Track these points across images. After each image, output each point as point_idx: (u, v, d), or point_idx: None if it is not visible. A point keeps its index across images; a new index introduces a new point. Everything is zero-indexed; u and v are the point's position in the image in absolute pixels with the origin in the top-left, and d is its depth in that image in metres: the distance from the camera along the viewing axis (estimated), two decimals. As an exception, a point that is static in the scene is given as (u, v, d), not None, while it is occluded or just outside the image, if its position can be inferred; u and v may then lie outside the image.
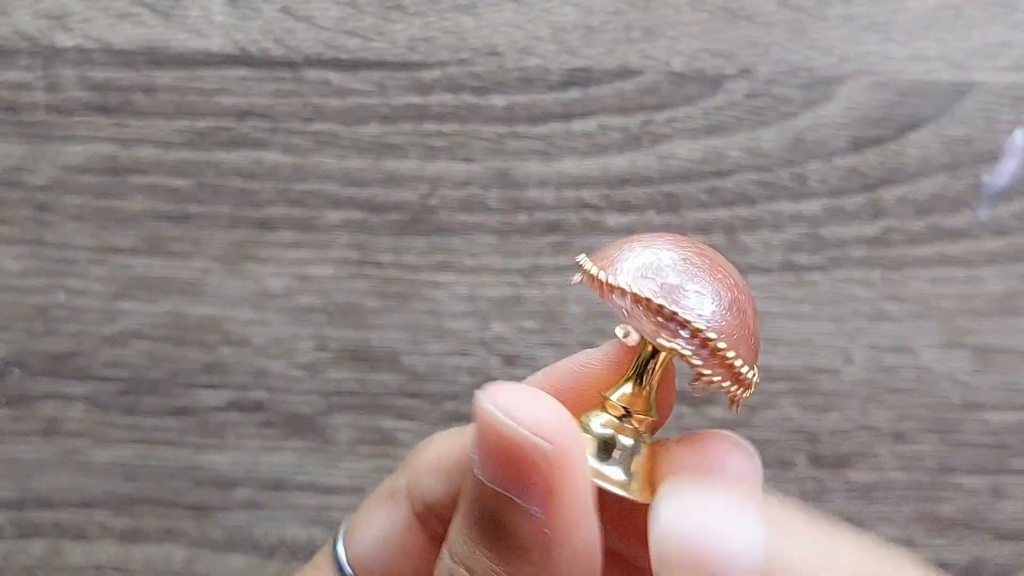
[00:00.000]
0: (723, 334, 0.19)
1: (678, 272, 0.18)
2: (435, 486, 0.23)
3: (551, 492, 0.17)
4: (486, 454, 0.17)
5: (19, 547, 0.38)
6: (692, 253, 0.19)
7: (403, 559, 0.23)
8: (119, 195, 0.38)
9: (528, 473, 0.17)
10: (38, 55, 0.38)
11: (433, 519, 0.23)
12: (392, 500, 0.24)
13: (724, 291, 0.19)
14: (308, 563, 0.26)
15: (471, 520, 0.18)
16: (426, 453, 0.23)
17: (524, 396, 0.18)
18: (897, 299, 0.38)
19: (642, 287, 0.18)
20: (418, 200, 0.38)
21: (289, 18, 0.38)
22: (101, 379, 0.38)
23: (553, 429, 0.17)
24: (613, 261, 0.19)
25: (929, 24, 0.38)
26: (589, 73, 0.38)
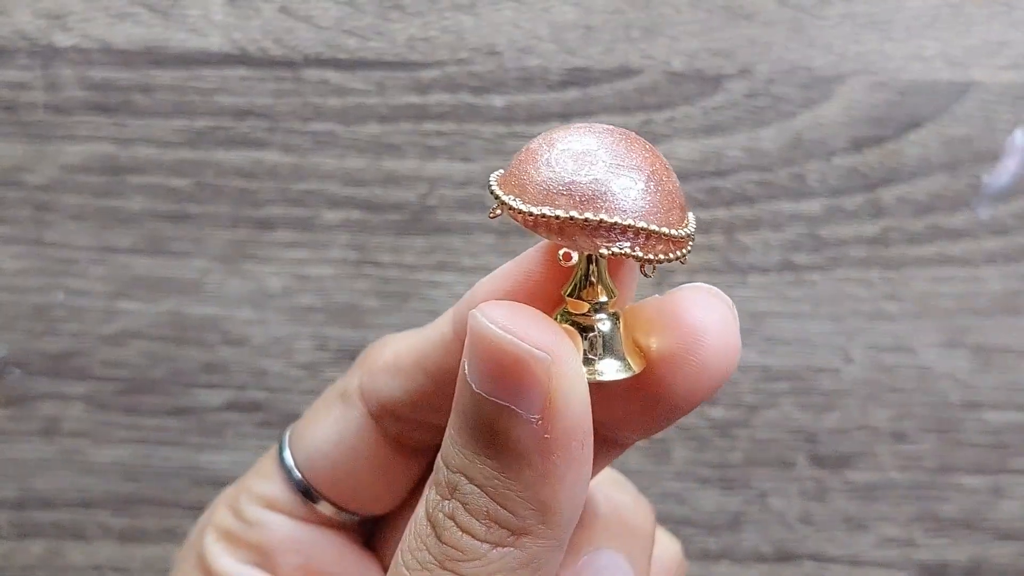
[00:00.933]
0: (654, 215, 0.19)
1: (587, 172, 0.18)
2: (391, 386, 0.23)
3: (550, 399, 0.18)
4: (483, 367, 0.18)
5: (19, 547, 0.38)
6: (589, 141, 0.19)
7: (357, 458, 0.23)
8: (118, 195, 0.38)
9: (527, 383, 0.18)
10: (37, 54, 0.38)
11: (388, 418, 0.23)
12: (343, 401, 0.24)
13: (638, 169, 0.19)
14: (251, 470, 0.25)
15: (467, 431, 0.18)
16: (381, 353, 0.23)
17: (516, 311, 0.18)
18: (897, 299, 0.38)
19: (563, 207, 0.18)
20: (417, 200, 0.38)
21: (288, 18, 0.38)
22: (101, 379, 0.38)
23: (548, 340, 0.18)
24: (524, 184, 0.19)
25: (929, 23, 0.38)
26: (588, 73, 0.38)
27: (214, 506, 0.25)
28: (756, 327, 0.38)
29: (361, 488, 0.24)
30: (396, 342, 0.24)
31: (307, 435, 0.24)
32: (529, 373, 0.18)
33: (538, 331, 0.18)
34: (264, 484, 0.24)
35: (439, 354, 0.22)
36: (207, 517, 0.25)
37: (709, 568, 0.38)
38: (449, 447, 0.19)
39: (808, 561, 0.38)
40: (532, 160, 0.19)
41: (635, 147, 0.19)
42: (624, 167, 0.19)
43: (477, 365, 0.18)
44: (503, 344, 0.18)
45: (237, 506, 0.24)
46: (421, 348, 0.22)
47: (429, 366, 0.22)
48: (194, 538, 0.25)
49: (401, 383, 0.23)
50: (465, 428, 0.18)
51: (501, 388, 0.18)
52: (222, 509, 0.25)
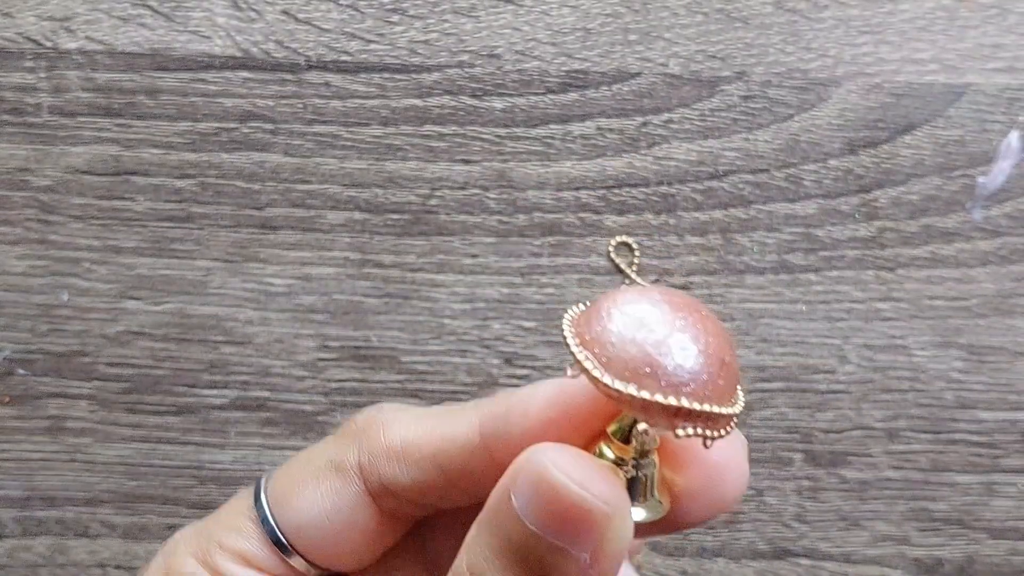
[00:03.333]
0: (724, 398, 0.19)
1: (672, 356, 0.19)
2: (399, 473, 0.23)
3: (603, 542, 0.19)
4: (544, 510, 0.19)
5: (24, 544, 0.38)
6: (666, 317, 0.20)
7: (351, 532, 0.24)
8: (123, 196, 0.38)
9: (587, 531, 0.19)
10: (42, 57, 0.38)
11: (388, 497, 0.24)
12: (339, 474, 0.24)
13: (716, 353, 0.19)
14: (214, 522, 0.25)
15: (512, 559, 0.19)
16: (386, 435, 0.24)
17: (582, 462, 0.19)
18: (891, 299, 0.38)
19: (649, 389, 0.19)
20: (418, 201, 0.38)
21: (291, 21, 0.38)
22: (105, 378, 0.38)
23: (611, 494, 0.19)
24: (608, 358, 0.19)
25: (923, 27, 0.38)
26: (587, 76, 0.38)
27: (172, 554, 0.25)
28: (752, 327, 0.38)
29: (343, 552, 0.25)
30: (401, 426, 0.24)
31: (297, 504, 0.24)
32: (592, 523, 0.19)
33: (603, 485, 0.19)
34: (240, 540, 0.24)
35: (460, 456, 0.23)
36: (164, 565, 0.25)
37: (706, 565, 0.38)
38: (484, 566, 0.20)
39: (803, 558, 0.38)
40: (613, 329, 0.19)
41: (709, 324, 0.20)
42: (703, 351, 0.19)
43: (538, 507, 0.19)
44: (572, 496, 0.19)
45: (210, 560, 0.24)
46: (437, 445, 0.23)
47: (445, 464, 0.23)
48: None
49: (410, 472, 0.23)
50: (509, 556, 0.19)
51: (559, 531, 0.19)
52: (189, 560, 0.25)
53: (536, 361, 0.38)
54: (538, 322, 0.38)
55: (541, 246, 0.38)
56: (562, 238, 0.38)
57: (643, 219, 0.38)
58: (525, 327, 0.38)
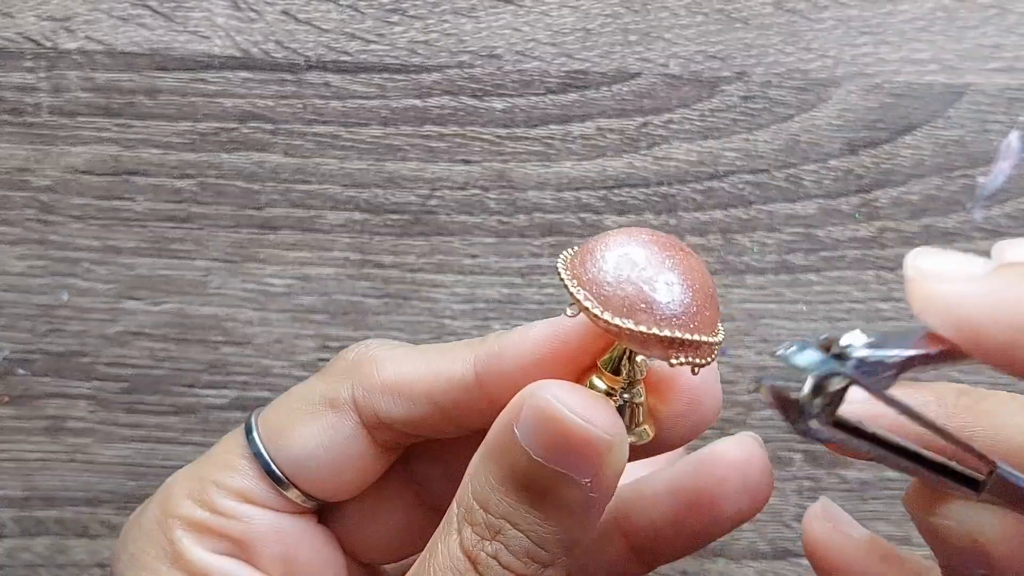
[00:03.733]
0: (711, 327, 0.21)
1: (665, 292, 0.21)
2: (394, 407, 0.24)
3: (603, 467, 0.21)
4: (548, 441, 0.21)
5: (23, 545, 0.38)
6: (655, 256, 0.21)
7: (347, 463, 0.25)
8: (122, 196, 0.38)
9: (590, 458, 0.21)
10: (42, 57, 0.38)
11: (384, 430, 0.25)
12: (334, 409, 0.25)
13: (702, 288, 0.21)
14: (208, 462, 0.26)
15: (516, 487, 0.21)
16: (380, 371, 0.25)
17: (583, 396, 0.21)
18: (891, 299, 0.38)
19: (645, 323, 0.20)
20: (418, 201, 0.38)
21: (291, 21, 0.38)
22: (104, 378, 0.38)
23: (611, 423, 0.21)
24: (605, 296, 0.21)
25: (922, 27, 0.38)
26: (587, 76, 0.38)
27: (168, 497, 0.26)
28: (752, 328, 0.38)
29: (339, 482, 0.26)
30: (395, 362, 0.25)
31: (293, 439, 0.25)
32: (594, 450, 0.21)
33: (603, 416, 0.21)
34: (235, 477, 0.25)
35: (455, 392, 0.24)
36: (159, 509, 0.26)
37: (706, 566, 0.38)
38: (489, 494, 0.21)
39: (804, 559, 0.38)
40: (608, 269, 0.21)
41: (692, 261, 0.22)
42: (691, 286, 0.21)
43: (542, 439, 0.21)
44: (574, 427, 0.20)
45: (207, 498, 0.25)
46: (432, 382, 0.24)
47: (440, 400, 0.24)
48: (148, 529, 0.26)
49: (405, 407, 0.24)
50: (513, 484, 0.21)
51: (563, 460, 0.21)
52: (185, 501, 0.25)
53: (536, 361, 0.38)
54: (538, 322, 0.38)
55: (541, 246, 0.38)
56: (562, 238, 0.38)
57: (643, 219, 0.38)
58: (525, 327, 0.38)
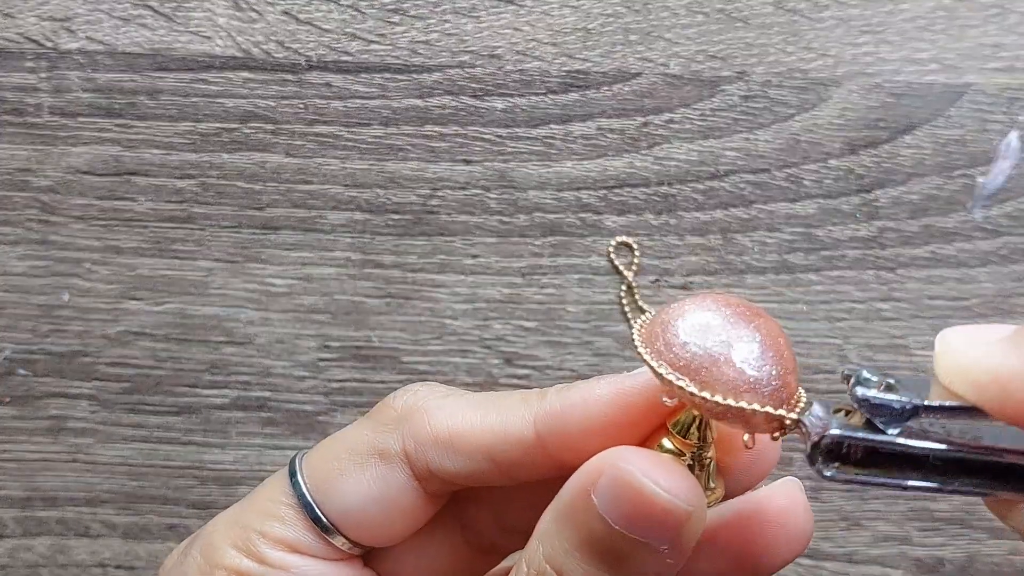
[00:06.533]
0: (784, 400, 0.21)
1: (765, 368, 0.21)
2: (447, 461, 0.24)
3: (681, 535, 0.21)
4: (628, 511, 0.21)
5: (24, 544, 0.38)
6: (725, 323, 0.21)
7: (398, 515, 0.25)
8: (124, 196, 0.38)
9: (670, 528, 0.21)
10: (43, 58, 0.38)
11: (435, 482, 0.25)
12: (383, 460, 0.25)
13: (769, 349, 0.21)
14: (250, 510, 0.26)
15: (594, 554, 0.21)
16: (432, 424, 0.24)
17: (662, 464, 0.21)
18: (891, 299, 0.38)
19: (754, 402, 0.20)
20: (419, 201, 0.38)
21: (292, 21, 0.39)
22: (106, 378, 0.38)
23: (690, 493, 0.21)
24: (710, 381, 0.20)
25: (923, 27, 0.38)
26: (587, 76, 0.38)
27: (211, 547, 0.25)
28: (753, 327, 0.38)
29: (388, 531, 0.25)
30: (446, 414, 0.25)
31: (341, 489, 0.25)
32: (675, 520, 0.21)
33: (683, 485, 0.21)
34: (281, 527, 0.25)
35: (515, 452, 0.24)
36: (203, 557, 0.25)
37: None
38: (563, 559, 0.21)
39: (805, 558, 0.38)
40: (687, 341, 0.21)
41: (771, 328, 0.21)
42: (772, 358, 0.21)
43: (622, 509, 0.21)
44: (657, 498, 0.20)
45: (253, 549, 0.25)
46: (490, 440, 0.24)
47: (499, 457, 0.24)
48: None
49: (459, 462, 0.24)
50: (590, 550, 0.21)
51: (645, 529, 0.21)
52: (231, 551, 0.25)
53: (537, 361, 0.38)
54: (539, 322, 0.38)
55: (542, 246, 0.38)
56: (563, 238, 0.38)
57: (643, 219, 0.38)
58: (526, 327, 0.38)
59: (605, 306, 0.38)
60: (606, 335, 0.38)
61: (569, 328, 0.38)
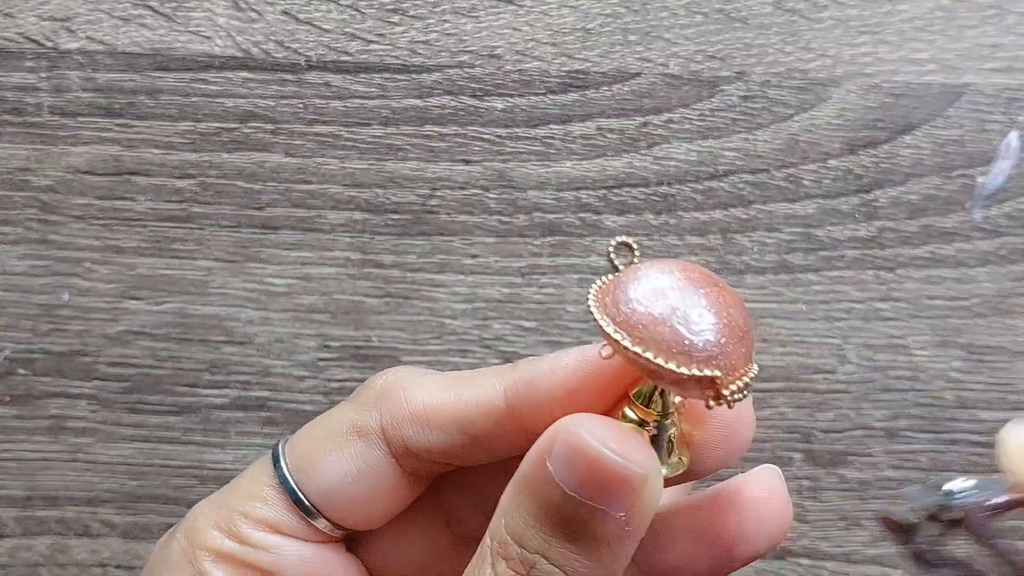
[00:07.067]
0: (746, 367, 0.21)
1: (701, 333, 0.20)
2: (422, 435, 0.24)
3: (638, 502, 0.21)
4: (583, 476, 0.21)
5: (24, 544, 0.38)
6: (678, 290, 0.21)
7: (376, 493, 0.25)
8: (123, 196, 0.38)
9: (625, 492, 0.21)
10: (43, 57, 0.38)
11: (412, 459, 0.25)
12: (361, 438, 0.25)
13: (739, 325, 0.21)
14: (234, 493, 0.26)
15: (551, 522, 0.21)
16: (408, 400, 0.25)
17: (616, 430, 0.21)
18: (890, 299, 0.38)
19: (685, 364, 0.20)
20: (419, 201, 0.38)
21: (291, 21, 0.39)
22: (106, 378, 0.38)
23: (645, 458, 0.21)
24: (645, 339, 0.20)
25: (922, 27, 0.38)
26: (587, 76, 0.38)
27: (195, 528, 0.25)
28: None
29: (368, 512, 0.26)
30: (423, 390, 0.25)
31: (321, 469, 0.25)
32: (629, 486, 0.21)
33: (638, 450, 0.21)
34: (263, 507, 0.25)
35: (485, 421, 0.24)
36: (186, 539, 0.25)
37: (706, 565, 0.38)
38: (523, 529, 0.21)
39: (804, 558, 0.38)
40: (641, 309, 0.21)
41: (726, 295, 0.21)
42: (727, 324, 0.21)
43: (576, 475, 0.21)
44: (608, 462, 0.20)
45: (235, 529, 0.25)
46: (462, 410, 0.24)
47: (470, 428, 0.24)
48: (175, 560, 0.25)
49: (434, 435, 0.24)
50: (548, 519, 0.21)
51: (598, 495, 0.21)
52: (213, 532, 0.25)
53: (536, 361, 0.38)
54: (538, 322, 0.38)
55: (541, 246, 0.38)
56: (562, 238, 0.38)
57: (643, 219, 0.38)
58: (525, 327, 0.38)
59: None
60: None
61: (569, 328, 0.38)
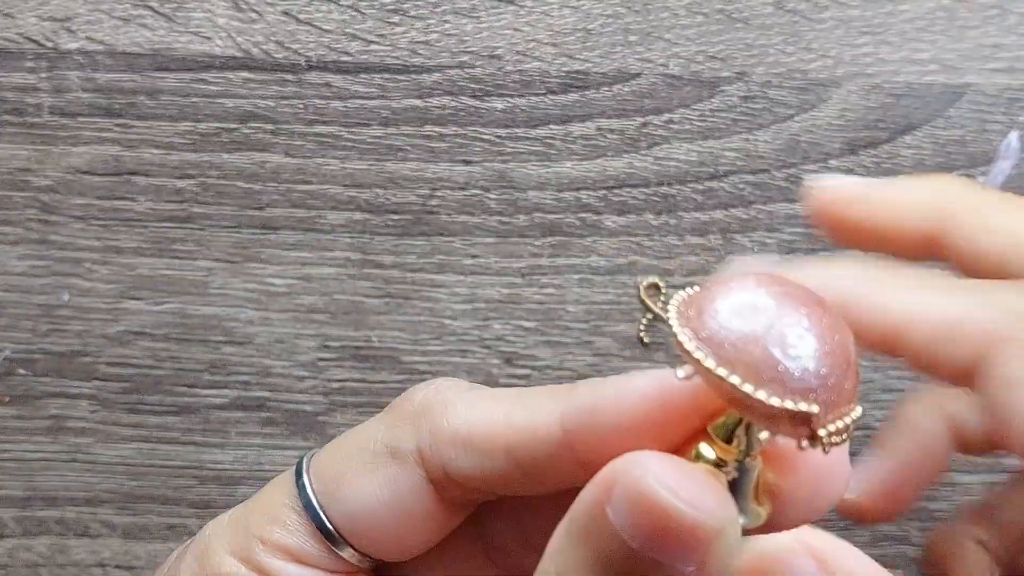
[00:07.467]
0: (840, 402, 0.18)
1: (798, 364, 0.17)
2: (465, 461, 0.22)
3: (710, 556, 0.18)
4: (646, 526, 0.18)
5: (24, 544, 0.38)
6: (775, 308, 0.18)
7: (409, 522, 0.23)
8: (124, 196, 0.38)
9: (694, 546, 0.17)
10: (43, 58, 0.38)
11: (451, 485, 0.22)
12: (396, 461, 0.22)
13: (844, 358, 0.18)
14: (254, 514, 0.23)
15: (606, 573, 0.18)
16: (449, 420, 0.22)
17: (685, 473, 0.18)
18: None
19: (779, 395, 0.17)
20: (419, 201, 0.38)
21: (291, 21, 0.39)
22: (106, 378, 0.38)
23: (718, 507, 0.18)
24: (722, 351, 0.17)
25: (923, 27, 0.38)
26: (587, 76, 0.38)
27: (207, 552, 0.23)
28: (753, 327, 0.38)
29: (400, 542, 0.23)
30: (466, 409, 0.22)
31: (349, 493, 0.23)
32: (700, 538, 0.17)
33: (711, 498, 0.18)
34: (283, 533, 0.23)
35: (538, 449, 0.21)
36: (198, 565, 0.23)
37: (706, 565, 0.38)
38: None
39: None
40: (731, 326, 0.17)
41: (832, 319, 0.18)
42: (829, 352, 0.17)
43: (637, 524, 0.18)
44: (675, 512, 0.17)
45: (252, 557, 0.23)
46: (512, 436, 0.21)
47: (520, 455, 0.21)
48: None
49: (477, 461, 0.21)
50: (603, 571, 0.18)
51: (664, 548, 0.17)
52: (228, 559, 0.23)
53: (537, 361, 0.38)
54: (538, 322, 0.38)
55: (541, 246, 0.38)
56: (562, 238, 0.38)
57: (643, 219, 0.38)
58: (525, 327, 0.38)
59: (605, 306, 0.38)
60: (606, 335, 0.38)
61: (569, 328, 0.38)
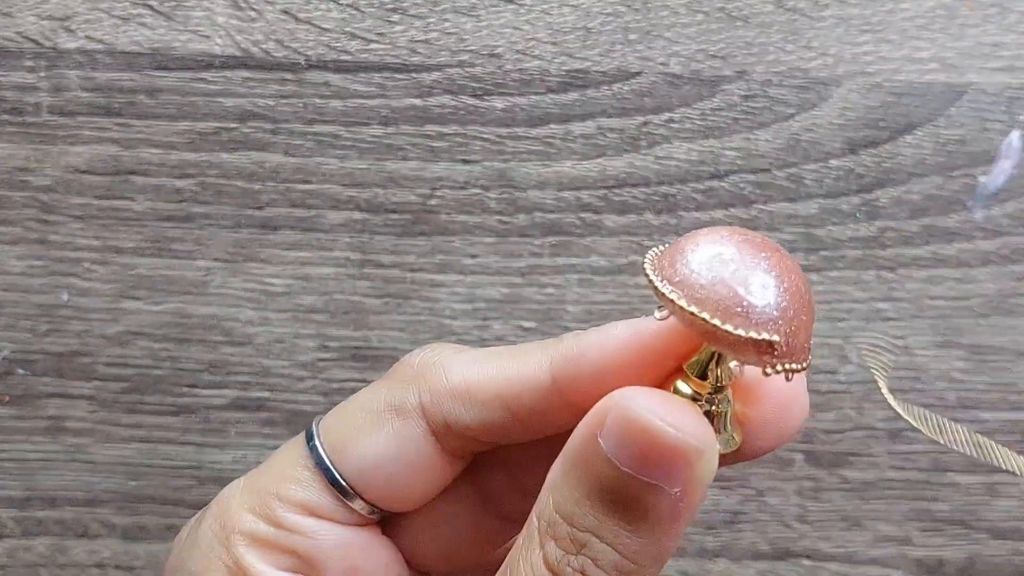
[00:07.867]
0: (807, 334, 0.20)
1: (761, 295, 0.20)
2: (464, 412, 0.24)
3: (693, 477, 0.20)
4: (636, 452, 0.20)
5: (23, 545, 0.38)
6: (738, 254, 0.20)
7: (414, 473, 0.24)
8: (123, 196, 0.38)
9: (680, 467, 0.20)
10: (42, 57, 0.38)
11: (452, 437, 0.24)
12: (400, 417, 0.24)
13: (798, 290, 0.20)
14: (267, 474, 0.25)
15: (603, 499, 0.20)
16: (448, 376, 0.24)
17: (670, 402, 0.20)
18: (892, 299, 0.38)
19: (743, 327, 0.20)
20: (418, 201, 0.38)
21: (291, 20, 0.38)
22: (105, 378, 0.38)
23: (700, 431, 0.20)
24: (701, 299, 0.20)
25: (923, 26, 0.38)
26: (587, 75, 0.38)
27: (227, 512, 0.25)
28: (753, 327, 0.38)
29: (406, 493, 0.25)
30: (463, 366, 0.24)
31: (358, 449, 0.24)
32: (685, 460, 0.20)
33: (693, 423, 0.20)
34: (299, 489, 0.24)
35: (530, 397, 0.23)
36: (218, 524, 0.25)
37: (706, 566, 0.38)
38: (573, 507, 0.21)
39: (805, 559, 0.38)
40: (700, 271, 0.20)
41: (786, 261, 0.21)
42: (787, 288, 0.20)
43: (629, 450, 0.20)
44: (664, 435, 0.20)
45: (270, 513, 0.24)
46: (505, 386, 0.23)
47: (513, 404, 0.23)
48: (208, 546, 0.24)
49: (476, 412, 0.24)
50: (599, 496, 0.20)
51: (653, 470, 0.20)
52: (247, 516, 0.24)
53: (536, 361, 0.38)
54: (538, 322, 0.38)
55: (541, 246, 0.38)
56: (562, 238, 0.38)
57: (644, 219, 0.38)
58: (525, 327, 0.38)
59: (605, 306, 0.38)
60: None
61: (569, 328, 0.38)
